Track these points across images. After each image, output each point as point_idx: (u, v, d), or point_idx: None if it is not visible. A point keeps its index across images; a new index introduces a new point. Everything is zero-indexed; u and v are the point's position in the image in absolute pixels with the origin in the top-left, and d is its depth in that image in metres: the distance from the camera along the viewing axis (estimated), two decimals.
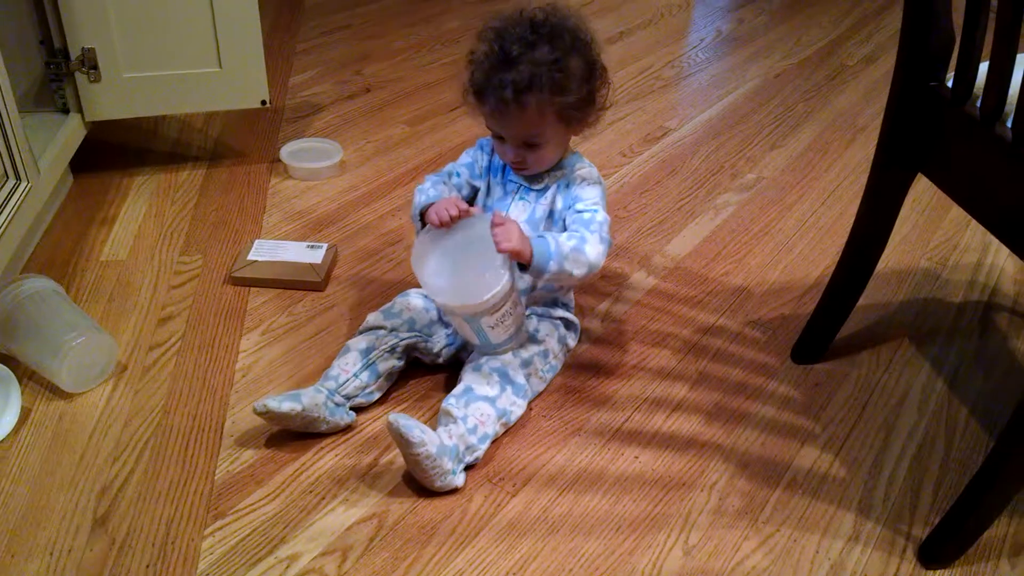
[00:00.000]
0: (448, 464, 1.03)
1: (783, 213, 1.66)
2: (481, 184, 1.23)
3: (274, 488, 1.05)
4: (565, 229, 1.15)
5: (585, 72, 1.10)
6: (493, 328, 1.10)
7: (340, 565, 0.97)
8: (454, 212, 1.10)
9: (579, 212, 1.15)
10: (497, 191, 1.21)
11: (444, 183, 1.21)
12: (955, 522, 0.99)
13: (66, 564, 0.96)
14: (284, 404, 1.06)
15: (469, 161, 1.24)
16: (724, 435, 1.16)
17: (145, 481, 1.06)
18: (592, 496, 1.06)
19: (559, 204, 1.18)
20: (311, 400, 1.08)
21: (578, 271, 1.10)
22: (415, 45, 2.35)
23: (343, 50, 2.31)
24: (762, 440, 1.15)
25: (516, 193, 1.19)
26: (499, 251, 1.04)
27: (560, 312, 1.24)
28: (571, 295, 1.29)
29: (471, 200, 1.24)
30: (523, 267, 1.09)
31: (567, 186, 1.17)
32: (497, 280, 1.06)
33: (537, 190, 1.19)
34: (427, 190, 1.19)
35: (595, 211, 1.15)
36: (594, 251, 1.11)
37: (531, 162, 1.15)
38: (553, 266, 1.08)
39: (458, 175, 1.23)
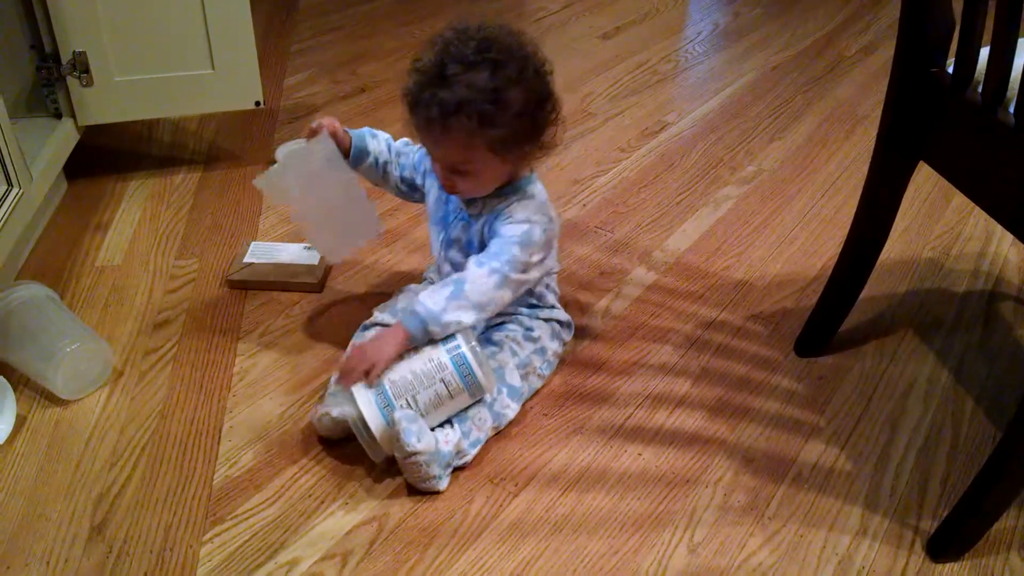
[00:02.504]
0: (435, 470, 1.02)
1: (783, 206, 1.65)
2: (420, 184, 1.20)
3: (273, 492, 1.04)
4: None
5: (525, 106, 1.02)
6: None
7: (340, 570, 0.95)
8: (326, 122, 1.10)
9: (489, 245, 1.08)
10: (440, 207, 1.17)
11: (390, 147, 1.19)
12: (963, 515, 0.97)
13: (63, 573, 0.95)
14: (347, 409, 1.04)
15: (418, 155, 1.20)
16: (728, 430, 1.15)
17: (142, 487, 1.05)
18: (595, 495, 1.05)
19: (487, 237, 1.11)
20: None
21: (469, 314, 1.04)
22: (410, 45, 2.33)
23: (338, 50, 2.30)
24: (766, 435, 1.14)
25: (457, 215, 1.15)
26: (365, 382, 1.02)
27: (547, 312, 1.21)
28: (549, 296, 1.22)
29: (411, 187, 1.21)
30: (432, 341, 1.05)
31: (496, 218, 1.10)
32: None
33: (472, 216, 1.13)
34: (365, 128, 1.18)
35: (504, 250, 1.06)
36: (476, 288, 1.04)
37: (461, 188, 1.08)
38: (436, 328, 1.02)
39: (406, 159, 1.20)
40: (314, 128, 1.12)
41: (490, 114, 1.00)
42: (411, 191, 1.22)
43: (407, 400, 1.02)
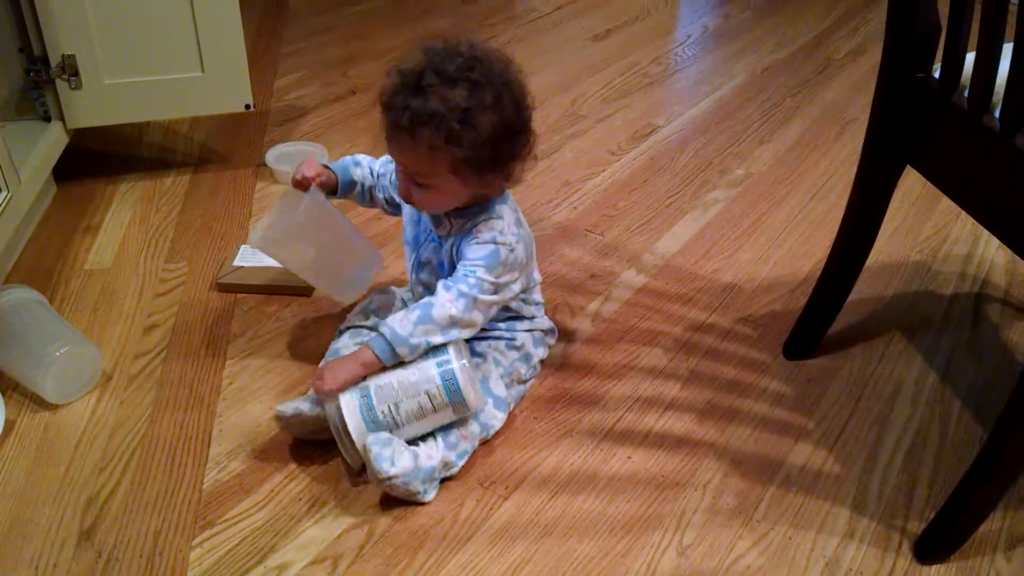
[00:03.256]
0: (418, 486, 1.01)
1: (772, 208, 1.66)
2: (398, 206, 1.19)
3: (263, 496, 1.04)
4: None
5: (496, 134, 1.01)
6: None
7: (330, 573, 0.95)
8: (310, 173, 1.11)
9: (457, 269, 1.07)
10: (412, 228, 1.17)
11: (371, 171, 1.19)
12: (950, 516, 0.98)
13: None
14: (316, 408, 1.05)
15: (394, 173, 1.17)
16: (717, 433, 1.15)
17: (132, 492, 1.05)
18: (585, 498, 1.05)
19: (456, 257, 1.10)
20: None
21: (441, 335, 1.03)
22: (401, 46, 2.33)
23: (328, 52, 2.30)
24: (755, 437, 1.15)
25: (427, 236, 1.15)
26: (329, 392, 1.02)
27: (527, 324, 1.20)
28: (528, 309, 1.21)
29: (393, 205, 1.21)
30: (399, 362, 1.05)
31: (463, 238, 1.09)
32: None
33: (441, 236, 1.12)
34: (347, 158, 1.19)
35: (471, 271, 1.05)
36: (442, 312, 1.03)
37: (417, 199, 1.07)
38: (404, 350, 1.02)
39: (386, 180, 1.19)
40: (298, 180, 1.13)
41: (458, 133, 0.98)
42: (397, 209, 1.21)
43: (389, 407, 1.02)
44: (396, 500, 1.03)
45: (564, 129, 1.92)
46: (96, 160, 1.74)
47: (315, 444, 1.10)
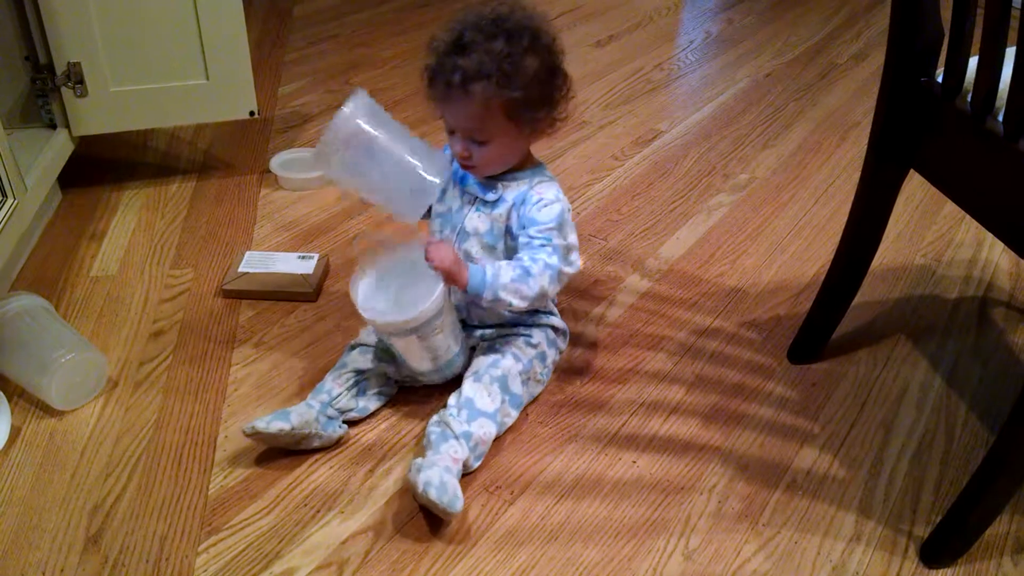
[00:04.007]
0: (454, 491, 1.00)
1: (776, 213, 1.66)
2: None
3: (269, 502, 1.04)
4: (520, 250, 1.11)
5: (540, 74, 1.07)
6: (432, 346, 1.10)
7: None
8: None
9: (531, 238, 1.10)
10: (455, 201, 1.17)
11: None
12: (957, 520, 0.98)
13: None
14: (273, 424, 1.05)
15: None
16: (722, 437, 1.15)
17: (138, 498, 1.05)
18: (590, 502, 1.05)
19: (515, 223, 1.12)
20: (301, 418, 1.07)
21: (519, 301, 1.08)
22: (404, 53, 2.34)
23: (332, 59, 2.31)
24: (760, 441, 1.15)
25: (472, 204, 1.15)
26: (431, 268, 1.04)
27: (545, 319, 1.22)
28: (551, 303, 1.25)
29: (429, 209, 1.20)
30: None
31: (523, 204, 1.11)
32: (428, 296, 1.05)
33: (491, 202, 1.13)
34: None
35: (547, 238, 1.09)
36: (537, 283, 1.07)
37: (477, 159, 1.10)
38: (488, 294, 1.06)
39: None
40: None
41: (510, 74, 1.04)
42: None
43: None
44: (401, 505, 1.04)
45: (567, 135, 1.92)
46: (101, 167, 1.75)
47: (319, 450, 1.11)
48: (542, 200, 1.11)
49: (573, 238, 1.13)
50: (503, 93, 1.04)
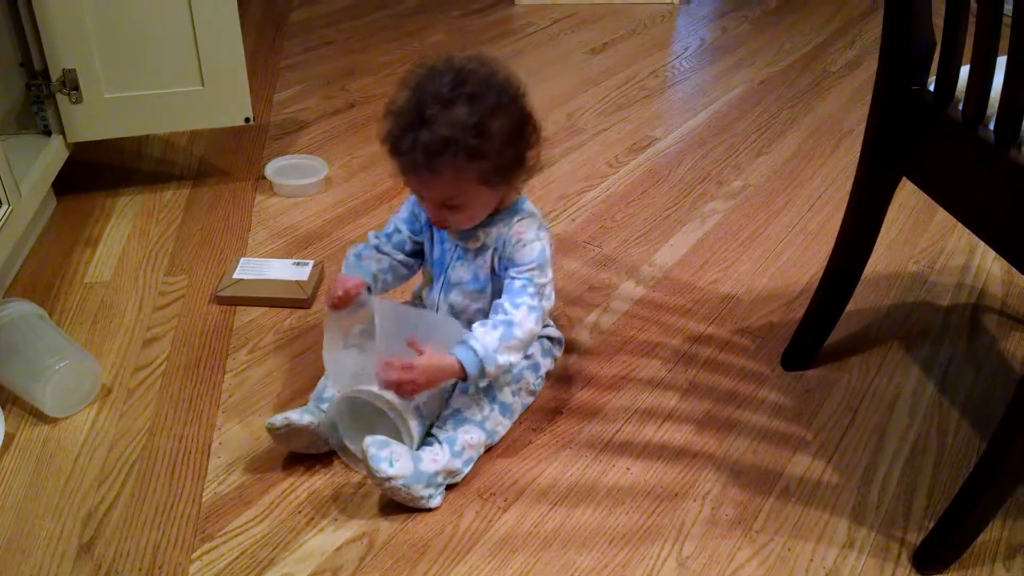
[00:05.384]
0: (422, 491, 1.02)
1: (770, 220, 1.66)
2: (424, 239, 1.17)
3: (262, 509, 1.04)
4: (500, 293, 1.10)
5: (509, 134, 1.01)
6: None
7: None
8: (338, 293, 1.06)
9: (512, 279, 1.08)
10: (436, 250, 1.15)
11: (378, 248, 1.16)
12: (949, 526, 0.98)
13: None
14: (305, 416, 1.05)
15: (407, 216, 1.16)
16: (716, 444, 1.15)
17: (131, 505, 1.05)
18: (584, 509, 1.06)
19: (498, 265, 1.11)
20: (318, 416, 1.07)
21: (519, 356, 1.06)
22: (399, 59, 2.35)
23: (327, 66, 2.31)
24: (754, 448, 1.15)
25: (453, 253, 1.13)
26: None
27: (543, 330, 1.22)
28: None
29: (417, 253, 1.18)
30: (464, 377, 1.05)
31: (503, 245, 1.09)
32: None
33: (474, 249, 1.11)
34: (350, 256, 1.15)
35: (528, 279, 1.07)
36: (522, 330, 1.05)
37: (452, 222, 1.06)
38: (491, 368, 1.03)
39: (399, 231, 1.16)
40: (339, 296, 1.07)
41: (476, 147, 0.98)
42: (421, 245, 1.19)
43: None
44: (395, 511, 1.04)
45: (562, 142, 1.93)
46: (96, 174, 1.75)
47: (314, 456, 1.11)
48: (521, 240, 1.08)
49: (550, 274, 1.10)
50: (474, 165, 0.99)
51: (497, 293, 1.11)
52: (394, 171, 1.04)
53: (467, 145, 0.98)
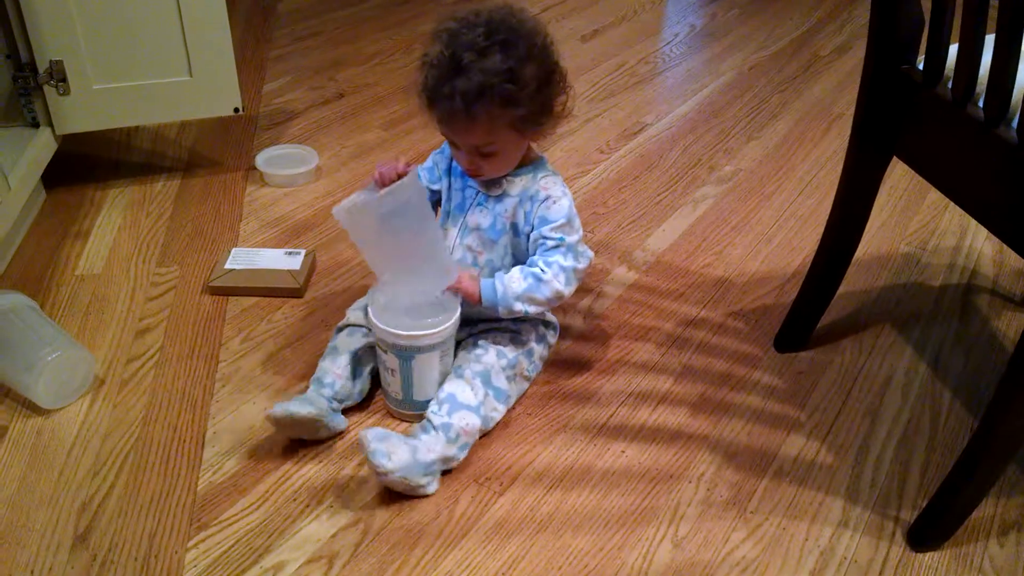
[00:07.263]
0: (419, 479, 1.02)
1: (762, 204, 1.66)
2: (442, 187, 1.20)
3: (257, 497, 1.04)
4: (534, 252, 1.13)
5: (540, 81, 1.06)
6: (446, 364, 1.12)
7: (326, 573, 0.95)
8: (401, 168, 1.10)
9: (544, 238, 1.12)
10: (456, 196, 1.18)
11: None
12: (943, 504, 0.99)
13: None
14: (305, 408, 1.06)
15: (430, 165, 1.21)
16: (710, 426, 1.16)
17: (126, 495, 1.04)
18: (579, 492, 1.06)
19: (521, 220, 1.14)
20: (319, 405, 1.08)
21: (534, 308, 1.12)
22: (388, 49, 2.34)
23: (316, 56, 2.30)
24: (748, 430, 1.15)
25: (474, 199, 1.16)
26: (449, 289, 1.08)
27: (534, 317, 1.21)
28: None
29: (434, 204, 1.21)
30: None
31: (530, 200, 1.12)
32: (449, 309, 1.09)
33: (495, 197, 1.14)
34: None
35: (560, 238, 1.11)
36: (549, 288, 1.10)
37: (485, 169, 1.10)
38: (501, 306, 1.10)
39: (420, 177, 1.19)
40: (384, 172, 1.11)
41: (512, 93, 1.03)
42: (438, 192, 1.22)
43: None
44: (391, 498, 1.04)
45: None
46: (85, 166, 1.74)
47: (309, 444, 1.11)
48: (550, 197, 1.12)
49: (581, 231, 1.14)
50: (508, 111, 1.04)
51: (513, 250, 1.15)
52: (429, 120, 1.08)
53: (502, 91, 1.02)
